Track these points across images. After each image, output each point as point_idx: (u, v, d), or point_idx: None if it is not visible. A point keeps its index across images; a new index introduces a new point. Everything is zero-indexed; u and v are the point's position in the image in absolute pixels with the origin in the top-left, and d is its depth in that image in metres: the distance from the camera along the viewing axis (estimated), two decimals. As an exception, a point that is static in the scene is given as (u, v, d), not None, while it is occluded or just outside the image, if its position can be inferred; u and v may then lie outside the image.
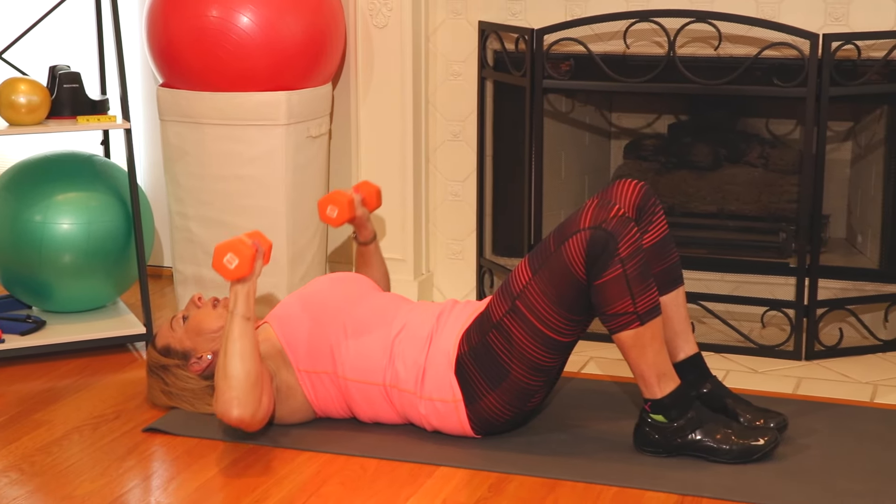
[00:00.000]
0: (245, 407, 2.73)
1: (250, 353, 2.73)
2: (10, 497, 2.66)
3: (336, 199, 3.24)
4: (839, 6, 3.49)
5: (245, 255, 2.72)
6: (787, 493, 2.62)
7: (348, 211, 3.25)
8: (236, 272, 2.73)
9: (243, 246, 2.73)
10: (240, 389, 2.72)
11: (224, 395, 2.73)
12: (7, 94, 3.39)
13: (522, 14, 3.76)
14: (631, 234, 2.69)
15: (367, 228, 3.35)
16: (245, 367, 2.72)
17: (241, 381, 2.72)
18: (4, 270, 3.65)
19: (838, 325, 3.59)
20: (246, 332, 2.74)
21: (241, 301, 2.76)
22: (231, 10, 3.55)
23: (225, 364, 2.73)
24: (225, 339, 2.75)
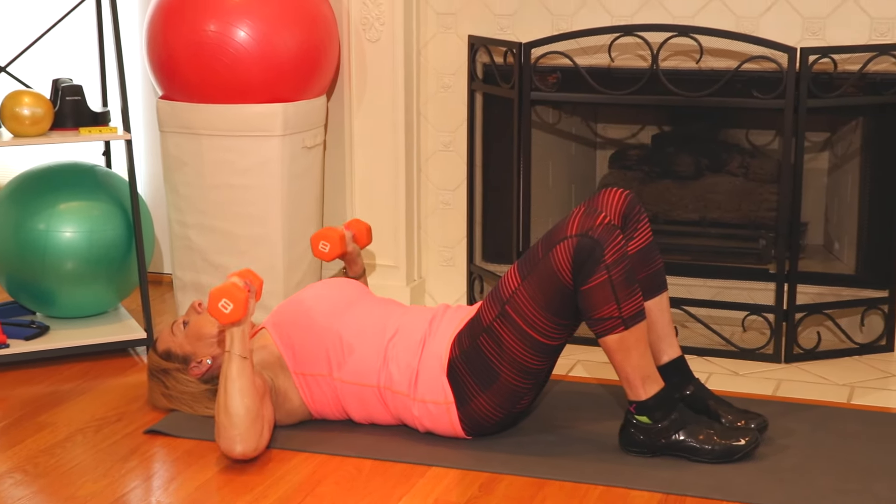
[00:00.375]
0: (247, 442, 2.73)
1: (249, 390, 2.74)
2: (14, 497, 2.66)
3: (328, 235, 3.25)
4: (816, 21, 3.50)
5: (239, 300, 2.73)
6: (768, 492, 2.63)
7: (340, 247, 3.26)
8: (231, 316, 2.73)
9: (237, 290, 2.74)
10: (241, 427, 2.73)
11: (227, 432, 2.73)
12: (11, 106, 3.38)
13: (511, 28, 3.77)
14: (616, 241, 2.69)
15: (358, 264, 3.36)
16: (245, 403, 2.73)
17: (242, 417, 2.72)
18: (9, 277, 3.64)
19: (816, 329, 3.60)
20: (244, 371, 2.74)
21: (237, 342, 2.76)
22: (228, 24, 3.55)
23: (226, 402, 2.73)
24: (223, 379, 2.74)
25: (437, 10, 3.84)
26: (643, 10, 3.63)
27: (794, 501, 2.58)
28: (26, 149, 4.22)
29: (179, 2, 3.61)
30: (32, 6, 4.22)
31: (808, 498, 2.60)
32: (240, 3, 3.57)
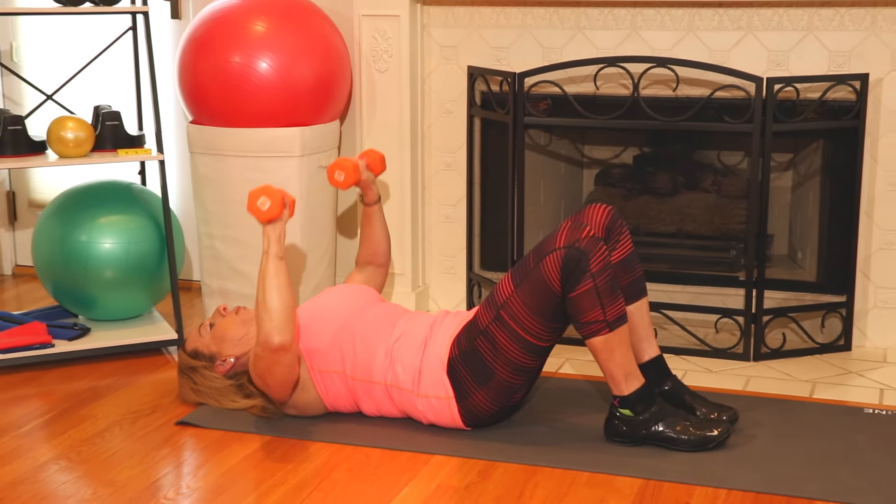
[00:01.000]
0: (284, 334, 2.73)
1: (286, 287, 2.73)
2: (59, 482, 2.66)
3: (342, 164, 3.20)
4: (780, 54, 3.51)
5: (276, 198, 2.74)
6: (739, 477, 2.63)
7: (354, 174, 3.20)
8: (269, 213, 2.74)
9: (273, 190, 2.75)
10: (278, 320, 2.72)
11: (265, 326, 2.73)
12: (57, 130, 3.39)
13: (506, 60, 3.77)
14: (601, 252, 2.69)
15: (373, 190, 3.31)
16: (282, 299, 2.73)
17: (280, 312, 2.72)
18: (55, 284, 3.64)
19: (782, 331, 3.60)
20: (280, 270, 2.74)
21: (273, 242, 2.76)
22: (251, 57, 3.56)
23: (264, 299, 2.73)
24: (262, 278, 2.74)
25: (439, 43, 3.85)
26: (625, 44, 3.63)
27: (763, 485, 2.58)
28: (70, 168, 4.23)
29: (208, 36, 3.61)
30: (75, 41, 4.23)
31: (775, 482, 2.60)
32: (262, 37, 3.57)
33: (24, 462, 2.76)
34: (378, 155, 3.31)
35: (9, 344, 3.39)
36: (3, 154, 3.41)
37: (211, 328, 3.02)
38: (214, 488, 2.62)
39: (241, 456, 2.78)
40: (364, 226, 3.36)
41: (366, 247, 3.35)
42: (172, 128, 4.23)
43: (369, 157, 3.29)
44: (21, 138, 3.43)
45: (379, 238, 3.34)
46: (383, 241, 3.35)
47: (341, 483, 2.64)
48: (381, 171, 3.34)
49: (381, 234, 3.35)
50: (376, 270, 3.37)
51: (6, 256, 4.54)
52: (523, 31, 3.74)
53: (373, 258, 3.35)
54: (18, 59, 4.35)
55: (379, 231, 3.34)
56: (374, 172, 3.30)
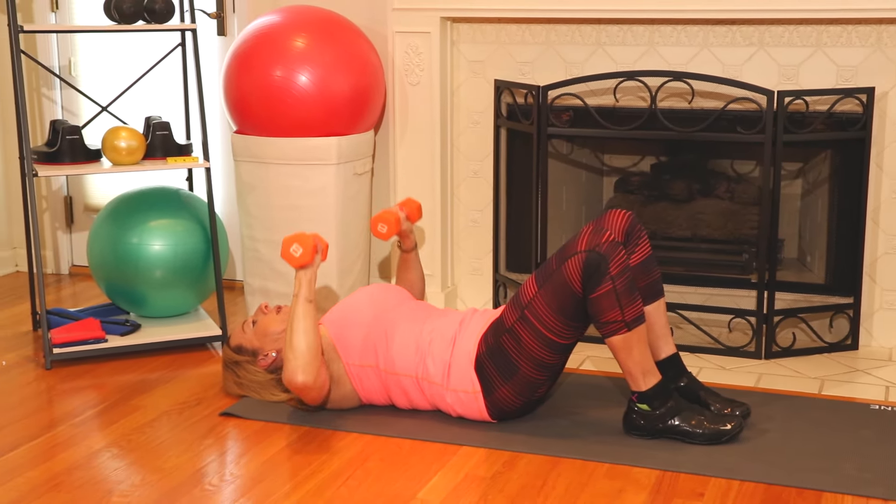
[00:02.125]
0: (307, 374, 2.73)
1: (312, 330, 2.73)
2: (111, 468, 2.67)
3: (385, 217, 3.21)
4: (791, 68, 3.48)
5: (308, 245, 2.73)
6: (750, 469, 2.60)
7: (396, 226, 3.22)
8: (301, 259, 2.74)
9: (306, 238, 2.74)
10: (303, 360, 2.72)
11: (290, 364, 2.73)
12: (111, 139, 3.41)
13: (531, 74, 3.76)
14: (620, 255, 2.68)
15: (410, 239, 3.32)
16: (307, 341, 2.73)
17: (304, 352, 2.72)
18: (108, 283, 3.66)
19: (792, 330, 3.56)
20: (308, 313, 2.74)
21: (304, 286, 2.76)
22: (292, 71, 3.56)
23: (291, 339, 2.73)
24: (291, 319, 2.74)
25: (468, 58, 3.84)
26: (643, 58, 3.61)
27: (774, 477, 2.56)
28: (123, 175, 4.25)
29: (251, 52, 3.62)
30: (128, 56, 4.25)
31: (785, 474, 2.57)
32: (302, 52, 3.57)
33: (80, 449, 2.78)
34: (416, 204, 3.33)
35: (66, 339, 3.41)
36: (61, 161, 3.43)
37: (253, 325, 3.02)
38: (255, 476, 2.62)
39: (281, 445, 2.78)
40: (401, 270, 3.37)
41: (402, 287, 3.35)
42: (218, 137, 4.24)
43: (408, 208, 3.30)
44: (78, 147, 3.45)
45: (414, 280, 3.34)
46: (417, 283, 3.37)
47: (374, 472, 2.63)
48: (419, 220, 3.36)
49: (416, 277, 3.36)
50: None
51: (63, 257, 4.57)
52: (547, 47, 3.72)
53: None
54: (76, 74, 4.37)
55: (415, 275, 3.36)
56: (412, 221, 3.31)
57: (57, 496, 2.51)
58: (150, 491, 2.54)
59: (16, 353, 3.54)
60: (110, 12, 3.46)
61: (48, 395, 3.19)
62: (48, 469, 2.66)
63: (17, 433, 2.88)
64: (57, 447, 2.79)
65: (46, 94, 4.40)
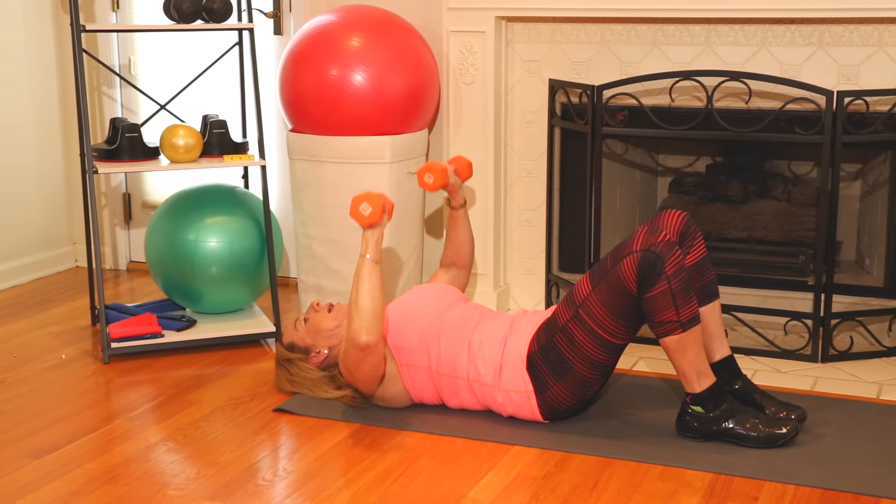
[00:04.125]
0: (371, 334, 2.73)
1: (378, 290, 2.73)
2: (167, 462, 2.70)
3: (432, 168, 3.18)
4: (851, 68, 3.42)
5: (377, 205, 2.73)
6: (806, 474, 2.56)
7: (442, 178, 3.18)
8: (370, 218, 2.73)
9: (375, 197, 2.73)
10: (367, 320, 2.72)
11: (354, 324, 2.73)
12: (169, 137, 3.44)
13: (585, 73, 3.73)
14: (675, 255, 2.65)
15: (459, 195, 3.29)
16: (373, 301, 2.73)
17: (369, 312, 2.72)
18: (165, 279, 3.70)
19: (849, 334, 3.50)
20: (374, 273, 2.73)
21: (371, 246, 2.76)
22: (347, 70, 3.57)
23: (356, 300, 2.73)
24: (356, 279, 2.74)
25: (522, 58, 3.82)
26: (700, 58, 3.57)
27: (830, 482, 2.52)
28: (180, 172, 4.30)
29: (307, 51, 3.64)
30: (186, 55, 4.30)
31: (841, 479, 2.53)
32: (357, 52, 3.59)
33: (136, 442, 2.81)
34: (466, 161, 3.30)
35: (123, 333, 3.45)
36: (120, 159, 3.48)
37: (306, 322, 3.03)
38: (308, 472, 2.63)
39: (333, 442, 2.79)
40: (450, 228, 3.35)
41: (450, 249, 3.34)
42: (273, 135, 4.27)
43: (457, 163, 3.28)
44: (137, 145, 3.49)
45: (463, 240, 3.32)
46: (467, 244, 3.34)
47: (426, 470, 2.63)
48: (468, 178, 3.32)
49: (465, 236, 3.33)
50: (459, 272, 3.35)
51: (122, 253, 4.63)
52: (602, 47, 3.70)
53: (456, 259, 3.33)
54: (135, 72, 4.43)
55: (463, 234, 3.33)
56: (462, 178, 3.29)
57: (114, 488, 2.54)
58: (205, 484, 2.56)
59: (74, 347, 3.59)
60: (169, 11, 3.50)
61: (106, 389, 3.23)
62: (105, 462, 2.69)
63: (76, 426, 2.92)
64: (114, 440, 2.83)
65: (107, 93, 4.46)
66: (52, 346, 3.60)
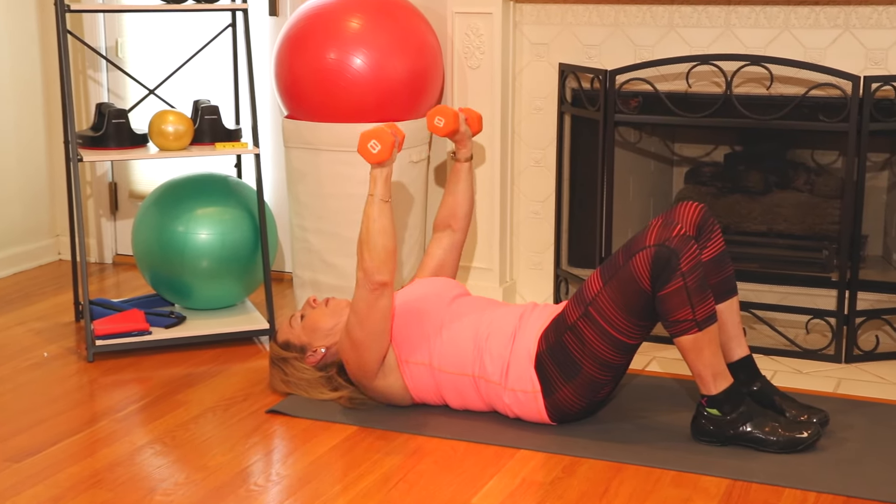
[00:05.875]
0: (383, 274, 2.74)
1: (389, 229, 2.74)
2: (155, 465, 2.71)
3: (444, 111, 3.19)
4: (879, 52, 3.42)
5: (387, 141, 2.73)
6: (828, 481, 2.56)
7: (453, 123, 3.18)
8: (379, 156, 2.73)
9: (385, 134, 2.73)
10: (380, 259, 2.73)
11: (367, 263, 2.74)
12: (158, 124, 3.45)
13: (597, 57, 3.73)
14: (691, 250, 2.65)
15: (467, 146, 3.28)
16: (385, 240, 2.74)
17: (381, 251, 2.73)
18: (152, 273, 3.70)
19: (875, 333, 3.50)
20: (384, 212, 2.74)
21: (380, 184, 2.76)
22: (346, 53, 3.57)
23: (368, 239, 2.73)
24: (366, 218, 2.75)
25: (531, 41, 3.82)
26: (718, 41, 3.57)
27: (854, 490, 2.52)
28: (169, 161, 4.30)
29: (304, 33, 3.64)
30: (177, 37, 4.30)
31: (865, 487, 2.53)
32: (356, 34, 3.59)
33: (122, 445, 2.82)
34: (476, 114, 3.31)
35: (109, 330, 3.46)
36: (106, 146, 3.48)
37: (302, 319, 3.04)
38: (303, 477, 2.64)
39: (330, 445, 2.80)
40: (450, 182, 3.32)
41: (446, 206, 3.30)
42: (268, 122, 4.27)
43: (468, 113, 3.29)
44: (124, 131, 3.50)
45: (462, 197, 3.29)
46: (465, 202, 3.30)
47: (427, 474, 2.63)
48: (478, 131, 3.33)
49: (465, 192, 3.30)
50: (452, 240, 3.29)
51: (107, 245, 4.64)
52: (615, 29, 3.70)
53: (451, 220, 3.29)
54: (123, 55, 4.43)
55: (464, 189, 3.30)
56: (472, 130, 3.29)
57: (98, 493, 2.55)
58: (193, 490, 2.57)
59: (57, 344, 3.60)
60: (158, -9, 3.50)
61: (90, 389, 3.24)
62: (89, 465, 2.70)
63: (58, 428, 2.93)
64: (98, 443, 2.84)
65: (92, 77, 4.47)
66: (33, 343, 3.61)
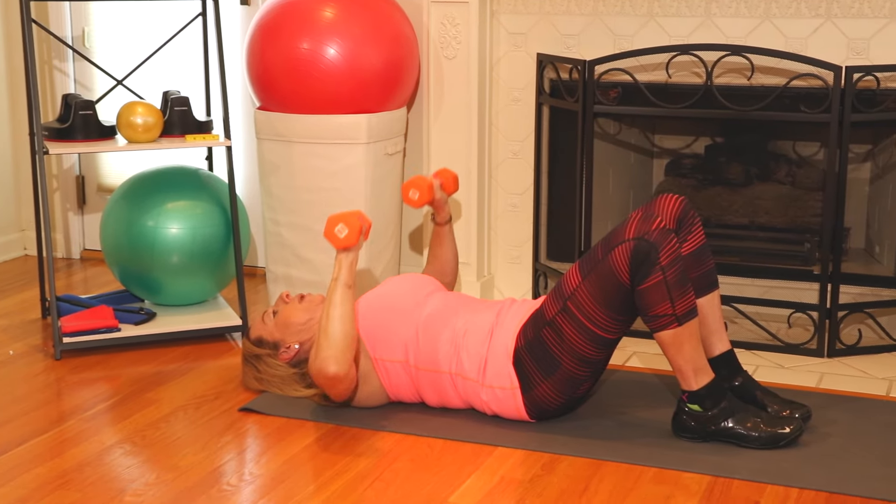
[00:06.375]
0: (341, 364, 2.72)
1: (349, 317, 2.73)
2: (124, 465, 2.69)
3: (417, 183, 3.19)
4: (860, 42, 3.43)
5: (354, 227, 2.72)
6: (811, 477, 2.57)
7: (428, 194, 3.19)
8: (346, 241, 2.73)
9: (353, 218, 2.73)
10: (337, 348, 2.72)
11: (324, 352, 2.72)
12: (126, 115, 3.43)
13: (576, 47, 3.73)
14: (671, 244, 2.65)
15: (445, 211, 3.30)
16: (344, 328, 2.72)
17: (339, 340, 2.72)
18: (122, 269, 3.68)
19: (857, 327, 3.52)
20: (346, 299, 2.73)
21: (345, 269, 2.75)
22: (320, 43, 3.56)
23: (326, 326, 2.72)
24: (327, 304, 2.74)
25: (508, 30, 3.82)
26: (699, 31, 3.58)
27: (836, 485, 2.53)
28: (138, 153, 4.28)
29: (276, 22, 3.62)
30: (145, 26, 4.27)
31: (849, 482, 2.55)
32: (330, 23, 3.57)
33: (90, 445, 2.80)
34: (451, 175, 3.30)
35: (76, 327, 3.44)
36: (73, 139, 3.46)
37: (275, 315, 3.02)
38: (276, 476, 2.62)
39: (304, 444, 2.79)
40: (433, 245, 3.35)
41: (433, 266, 3.34)
42: (240, 114, 4.26)
43: (443, 177, 3.28)
44: (91, 123, 3.47)
45: (447, 257, 3.33)
46: (451, 261, 3.35)
47: (403, 473, 2.63)
48: (454, 192, 3.33)
49: (449, 253, 3.34)
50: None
51: (75, 240, 4.61)
52: (594, 19, 3.70)
53: (441, 277, 3.32)
54: (90, 45, 4.40)
55: (448, 250, 3.34)
56: (447, 192, 3.29)
57: (66, 494, 2.53)
58: (164, 490, 2.55)
59: (23, 342, 3.58)
60: (126, -21, 3.47)
61: (57, 388, 3.22)
62: (57, 466, 2.68)
63: (24, 427, 2.91)
64: (66, 443, 2.82)
65: (58, 67, 4.43)
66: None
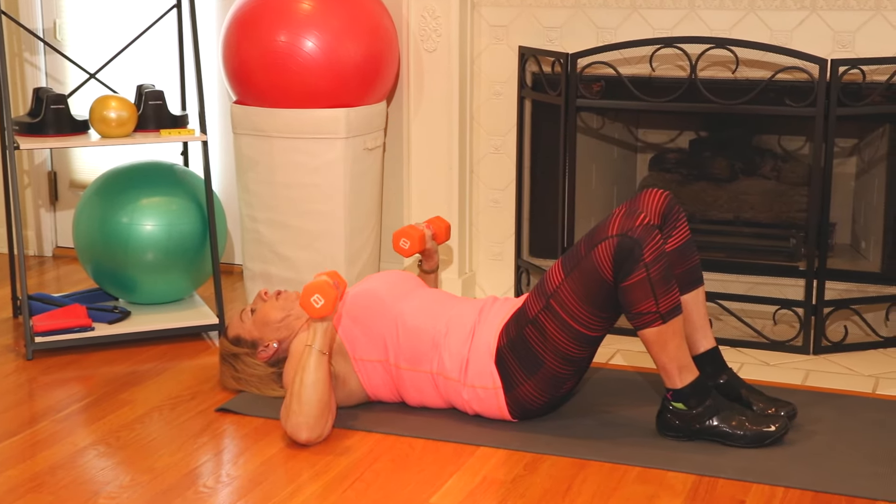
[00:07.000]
0: (313, 430, 2.73)
1: (324, 382, 2.73)
2: (98, 468, 2.68)
3: (409, 233, 3.21)
4: (846, 34, 3.45)
5: (330, 296, 2.71)
6: (796, 475, 2.59)
7: (419, 244, 3.22)
8: (322, 311, 2.72)
9: (329, 288, 2.72)
10: (310, 415, 2.72)
11: (296, 418, 2.73)
12: (99, 109, 3.42)
13: (559, 40, 3.74)
14: (655, 240, 2.66)
15: (434, 260, 3.31)
16: (318, 394, 2.72)
17: (313, 407, 2.72)
18: (95, 266, 3.67)
19: (843, 323, 3.54)
20: (321, 365, 2.73)
21: (319, 337, 2.74)
22: (297, 35, 3.55)
23: (300, 392, 2.72)
24: (301, 370, 2.73)
25: (489, 23, 3.82)
26: (683, 24, 3.59)
27: (822, 484, 2.55)
28: (112, 149, 4.26)
29: (253, 14, 3.62)
30: (119, 19, 4.26)
31: (835, 480, 2.56)
32: (308, 16, 3.57)
33: (63, 446, 2.79)
34: (444, 224, 3.31)
35: (48, 327, 3.43)
36: (45, 133, 3.44)
37: (252, 313, 3.02)
38: (254, 477, 2.62)
39: (282, 445, 2.79)
40: None
41: None
42: (216, 108, 4.25)
43: (435, 226, 3.29)
44: (63, 117, 3.46)
45: None
46: None
47: (384, 473, 2.63)
48: (445, 241, 3.34)
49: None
50: None
51: (47, 237, 4.59)
52: (577, 11, 3.70)
53: None
54: (62, 38, 4.38)
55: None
56: (438, 242, 3.30)
57: (38, 497, 2.53)
58: (140, 493, 2.54)
59: (-5, 341, 3.57)
60: (99, -30, 3.46)
61: (29, 388, 3.20)
62: (28, 468, 2.67)
63: (-4, 428, 2.90)
64: (38, 444, 2.81)
65: (29, 60, 4.41)
66: (-31, 340, 3.58)
